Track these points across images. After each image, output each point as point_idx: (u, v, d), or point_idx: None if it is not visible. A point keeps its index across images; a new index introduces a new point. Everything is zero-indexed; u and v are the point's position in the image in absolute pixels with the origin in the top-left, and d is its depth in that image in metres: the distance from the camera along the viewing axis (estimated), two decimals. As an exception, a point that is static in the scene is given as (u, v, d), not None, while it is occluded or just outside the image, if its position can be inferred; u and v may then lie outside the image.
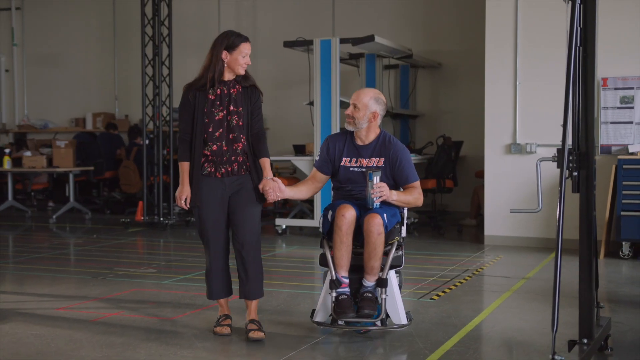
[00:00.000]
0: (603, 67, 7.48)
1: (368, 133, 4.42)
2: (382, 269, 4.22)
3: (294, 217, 9.72)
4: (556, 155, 3.42)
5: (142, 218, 10.00)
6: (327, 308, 4.30)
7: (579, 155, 3.48)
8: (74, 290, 5.74)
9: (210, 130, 4.20)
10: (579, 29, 3.37)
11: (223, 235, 4.30)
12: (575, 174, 3.46)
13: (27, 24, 14.28)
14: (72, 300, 5.36)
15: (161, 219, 9.93)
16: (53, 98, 14.09)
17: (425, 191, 5.74)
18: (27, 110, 14.33)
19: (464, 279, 6.12)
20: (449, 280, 6.08)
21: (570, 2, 3.36)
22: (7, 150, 11.46)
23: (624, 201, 7.15)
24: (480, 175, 9.20)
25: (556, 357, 2.97)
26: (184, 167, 4.26)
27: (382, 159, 4.38)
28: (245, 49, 4.24)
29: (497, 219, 8.11)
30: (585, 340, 3.43)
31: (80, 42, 13.82)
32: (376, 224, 4.12)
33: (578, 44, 3.40)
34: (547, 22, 7.87)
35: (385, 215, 4.18)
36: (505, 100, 8.09)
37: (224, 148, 4.21)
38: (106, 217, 11.23)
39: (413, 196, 4.36)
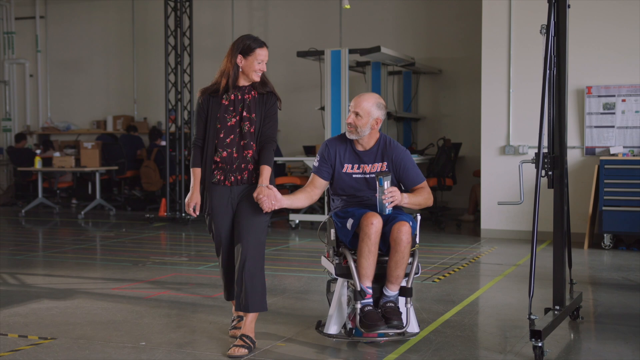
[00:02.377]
0: (587, 76, 8.26)
1: (369, 139, 4.29)
2: (406, 276, 4.09)
3: (305, 212, 10.51)
4: (534, 157, 4.21)
5: (165, 214, 10.78)
6: (340, 319, 4.20)
7: (553, 157, 4.27)
8: (120, 274, 6.54)
9: (222, 136, 4.05)
10: (552, 56, 4.17)
11: (232, 245, 4.12)
12: (550, 173, 4.26)
13: (51, 31, 15.00)
14: (122, 282, 6.17)
15: (183, 214, 10.69)
16: (75, 101, 14.82)
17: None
18: (50, 113, 15.06)
19: (462, 266, 6.91)
20: (449, 266, 6.87)
21: (545, 35, 4.16)
22: (37, 151, 12.25)
23: (605, 197, 7.93)
24: (477, 174, 9.93)
25: (532, 316, 3.77)
26: (196, 173, 4.12)
27: (385, 163, 4.27)
28: (261, 54, 4.03)
29: (492, 214, 8.85)
30: (557, 307, 4.24)
31: (101, 48, 14.54)
32: (406, 232, 3.96)
33: (552, 68, 4.20)
34: (538, 34, 8.55)
35: (411, 222, 4.07)
36: (500, 106, 8.80)
37: (234, 155, 4.05)
38: (128, 213, 12.01)
39: (423, 197, 4.23)
